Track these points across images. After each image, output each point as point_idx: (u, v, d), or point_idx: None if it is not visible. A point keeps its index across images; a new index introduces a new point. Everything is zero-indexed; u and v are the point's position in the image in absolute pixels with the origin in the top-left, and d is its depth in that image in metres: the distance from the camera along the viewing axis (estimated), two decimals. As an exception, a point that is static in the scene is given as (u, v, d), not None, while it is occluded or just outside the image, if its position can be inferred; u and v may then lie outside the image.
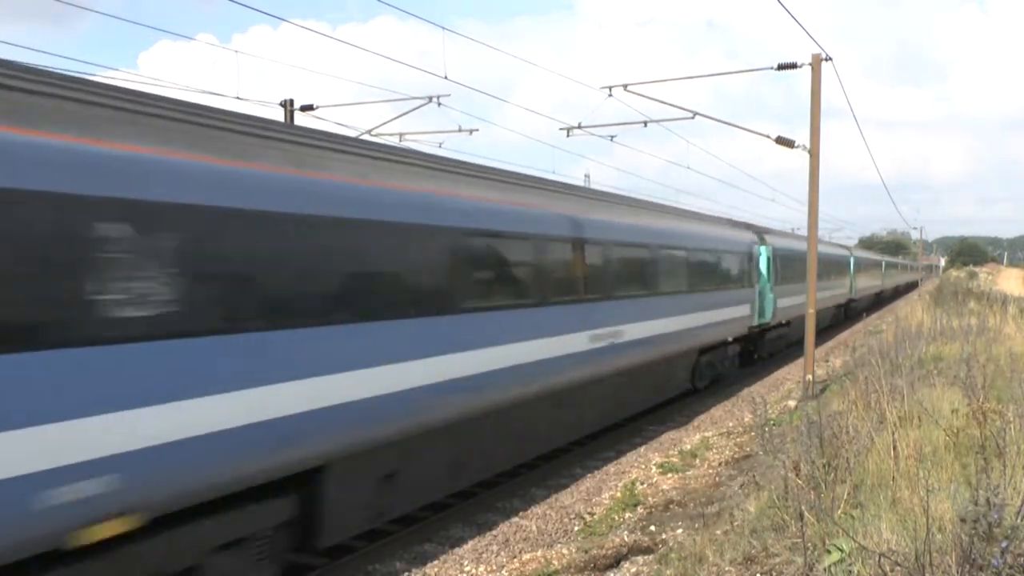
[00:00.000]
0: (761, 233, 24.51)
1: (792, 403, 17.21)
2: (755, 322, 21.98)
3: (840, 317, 39.20)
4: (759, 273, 22.55)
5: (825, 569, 5.05)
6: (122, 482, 5.56)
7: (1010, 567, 4.48)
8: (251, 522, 6.92)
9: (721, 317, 18.63)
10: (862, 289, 45.76)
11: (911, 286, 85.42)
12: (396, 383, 8.03)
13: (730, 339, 20.31)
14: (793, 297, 25.32)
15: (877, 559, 4.86)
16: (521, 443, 11.35)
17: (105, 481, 5.47)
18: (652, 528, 9.81)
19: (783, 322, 25.48)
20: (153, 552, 6.07)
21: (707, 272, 17.98)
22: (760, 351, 24.53)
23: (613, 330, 13.04)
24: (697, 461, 13.39)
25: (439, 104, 20.94)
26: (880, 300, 57.11)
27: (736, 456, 13.44)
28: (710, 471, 12.62)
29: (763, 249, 23.35)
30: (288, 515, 7.35)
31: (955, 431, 7.84)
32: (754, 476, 10.33)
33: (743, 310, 20.66)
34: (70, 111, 5.75)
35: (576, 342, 11.87)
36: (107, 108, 6.08)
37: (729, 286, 19.56)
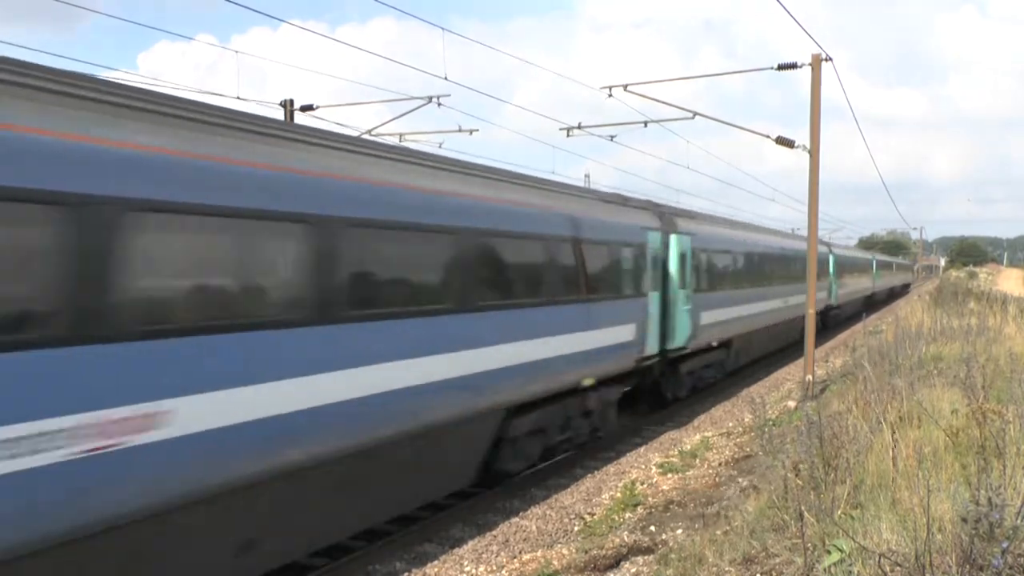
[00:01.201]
0: (671, 217, 16.97)
1: (792, 403, 17.21)
2: (653, 349, 15.11)
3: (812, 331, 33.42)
4: (665, 276, 15.92)
5: (825, 569, 5.05)
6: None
7: (1010, 567, 4.48)
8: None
9: (565, 347, 11.60)
10: (847, 295, 40.19)
11: (903, 288, 78.88)
12: None
13: (589, 383, 12.62)
14: (732, 308, 19.75)
15: (877, 559, 4.86)
16: None
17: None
18: (652, 528, 9.81)
19: (714, 344, 18.84)
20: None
21: (533, 275, 11.07)
22: (673, 389, 17.37)
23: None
24: (697, 461, 13.39)
25: (439, 104, 20.96)
26: (870, 305, 50.71)
27: (736, 456, 13.44)
28: (710, 471, 12.62)
29: (675, 241, 16.36)
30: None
31: (955, 431, 7.85)
32: (752, 481, 10.34)
33: (622, 333, 13.59)
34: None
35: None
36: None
37: (587, 295, 12.38)
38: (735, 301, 20.09)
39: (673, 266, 16.24)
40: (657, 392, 17.01)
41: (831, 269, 34.72)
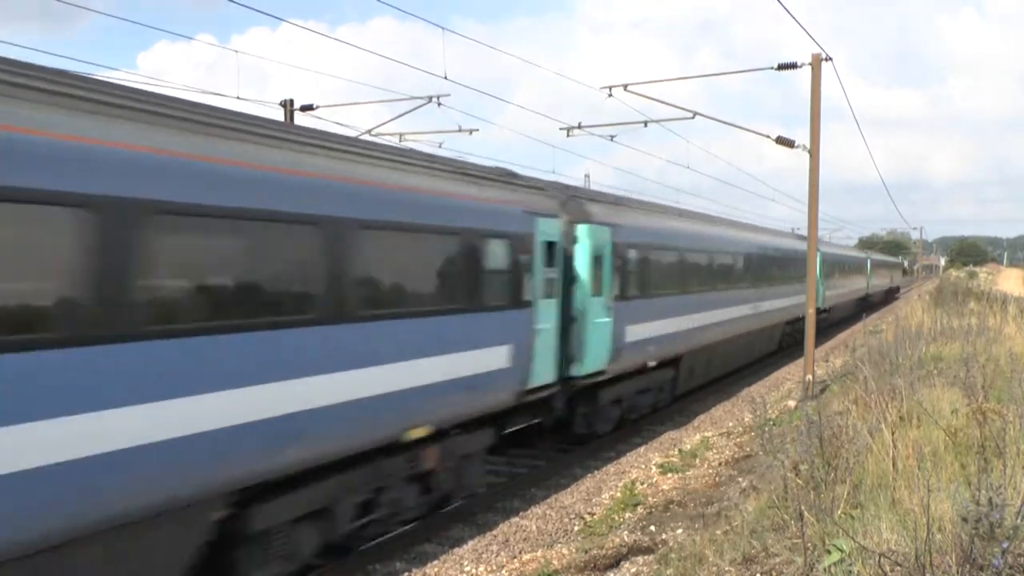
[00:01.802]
0: (581, 202, 13.46)
1: (792, 403, 17.21)
2: (547, 377, 11.59)
3: (766, 350, 24.92)
4: (568, 279, 12.34)
5: (825, 569, 5.05)
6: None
7: (1010, 567, 4.48)
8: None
9: (405, 380, 8.54)
10: (835, 296, 36.15)
11: (890, 293, 65.94)
12: None
13: (419, 434, 9.01)
14: (678, 318, 16.18)
15: (877, 559, 4.86)
16: None
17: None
18: (652, 528, 9.81)
19: (651, 363, 15.36)
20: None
21: (310, 277, 7.51)
22: (589, 424, 13.91)
23: None
24: (697, 461, 13.39)
25: (439, 104, 20.95)
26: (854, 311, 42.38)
27: (736, 456, 13.44)
28: (710, 471, 12.62)
29: (586, 233, 12.72)
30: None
31: (955, 431, 7.85)
32: (752, 480, 10.34)
33: (488, 358, 10.06)
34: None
35: None
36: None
37: (420, 307, 8.96)
38: (683, 309, 16.52)
39: (582, 266, 12.61)
40: (565, 429, 13.56)
41: (820, 271, 27.48)
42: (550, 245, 11.60)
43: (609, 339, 13.24)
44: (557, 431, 13.44)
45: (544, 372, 11.44)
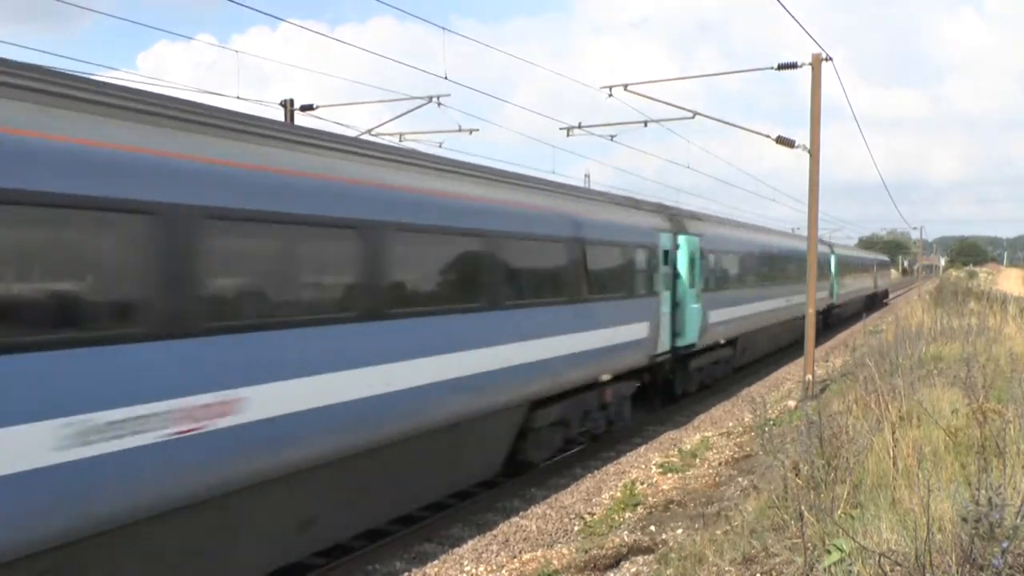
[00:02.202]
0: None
1: (792, 403, 17.22)
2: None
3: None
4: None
5: (825, 569, 5.05)
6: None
7: (1010, 567, 4.48)
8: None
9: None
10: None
11: (872, 300, 52.37)
12: None
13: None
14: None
15: (877, 559, 4.86)
16: None
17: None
18: (652, 528, 9.81)
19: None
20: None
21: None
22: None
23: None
24: (697, 461, 13.39)
25: (439, 104, 20.96)
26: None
27: (736, 456, 13.44)
28: (710, 471, 12.62)
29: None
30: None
31: (955, 431, 7.85)
32: (752, 480, 10.34)
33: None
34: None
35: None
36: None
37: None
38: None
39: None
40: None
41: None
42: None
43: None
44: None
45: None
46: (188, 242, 6.18)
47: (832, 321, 35.45)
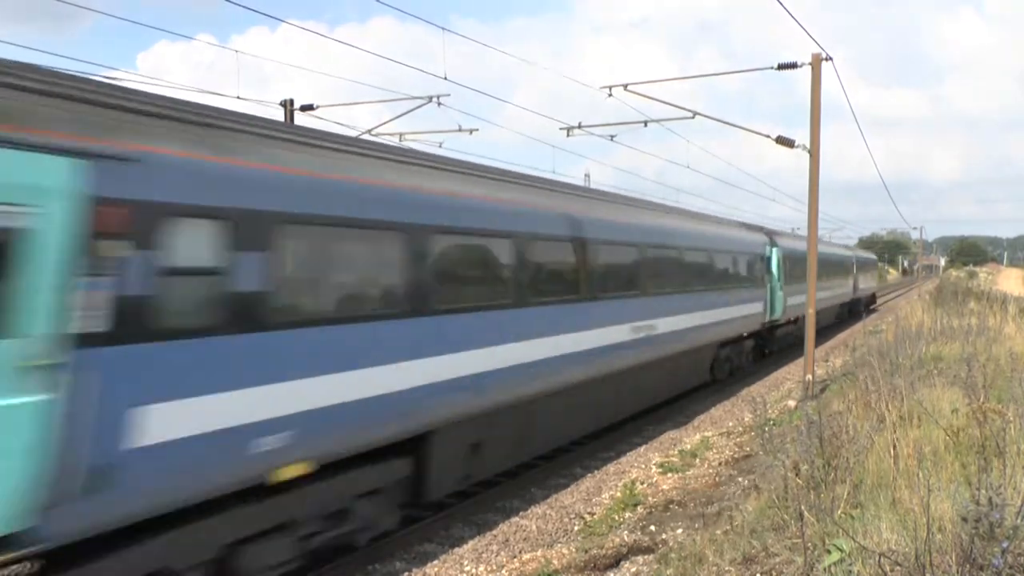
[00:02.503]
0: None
1: (792, 403, 17.21)
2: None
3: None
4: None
5: (825, 569, 5.05)
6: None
7: (1010, 567, 4.48)
8: None
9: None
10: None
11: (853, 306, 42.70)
12: None
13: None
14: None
15: (877, 559, 4.86)
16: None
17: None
18: (652, 528, 9.81)
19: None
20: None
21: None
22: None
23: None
24: (697, 461, 13.39)
25: (439, 104, 20.96)
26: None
27: (736, 456, 13.44)
28: (710, 471, 12.62)
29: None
30: None
31: (955, 431, 7.84)
32: (752, 480, 10.33)
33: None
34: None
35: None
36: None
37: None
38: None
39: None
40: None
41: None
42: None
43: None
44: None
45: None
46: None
47: (778, 345, 26.55)
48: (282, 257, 7.00)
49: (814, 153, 18.05)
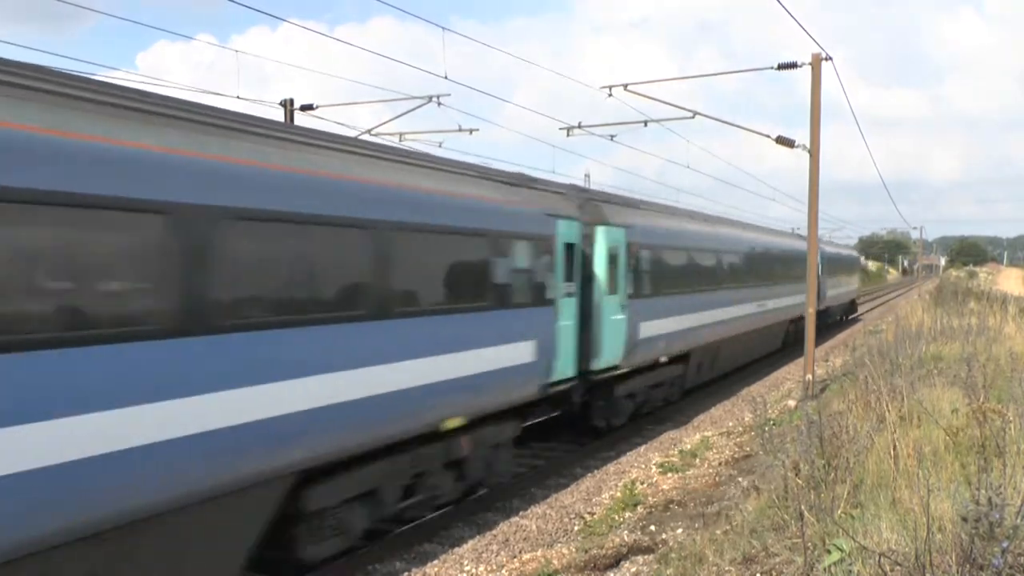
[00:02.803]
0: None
1: (792, 403, 17.21)
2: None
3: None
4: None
5: (825, 569, 5.05)
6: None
7: (1010, 567, 4.47)
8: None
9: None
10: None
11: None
12: None
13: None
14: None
15: (877, 559, 4.85)
16: None
17: None
18: (652, 528, 9.81)
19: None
20: None
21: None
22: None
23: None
24: (697, 461, 13.39)
25: (439, 104, 20.94)
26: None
27: (736, 456, 13.44)
28: (710, 471, 12.62)
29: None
30: None
31: (955, 431, 7.84)
32: (752, 480, 10.33)
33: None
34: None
35: None
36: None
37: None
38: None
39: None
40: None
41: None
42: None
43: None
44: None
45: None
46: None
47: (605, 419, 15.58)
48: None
49: (814, 153, 18.06)
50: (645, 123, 21.77)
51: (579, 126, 22.69)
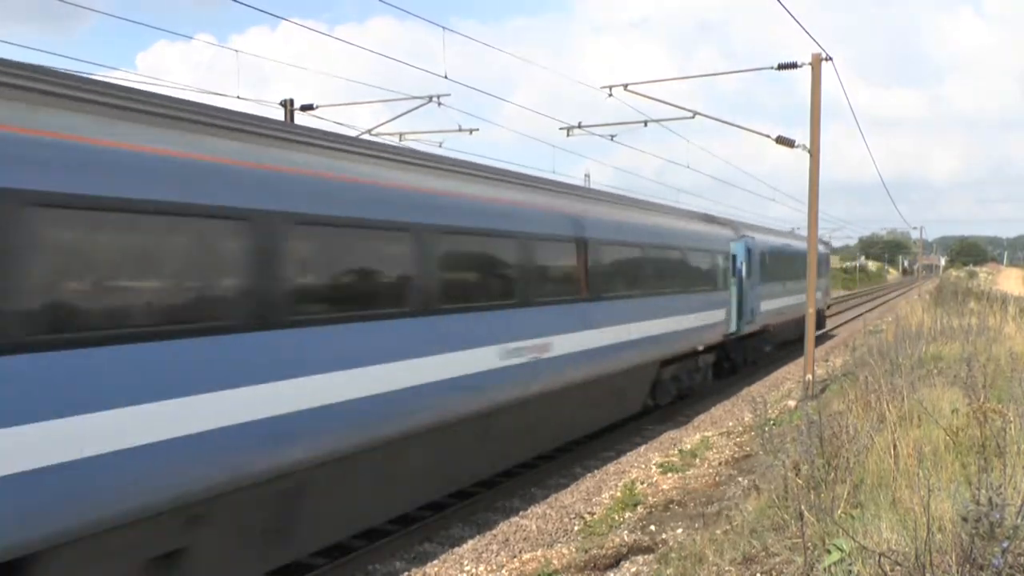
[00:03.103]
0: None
1: (792, 403, 17.21)
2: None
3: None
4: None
5: (825, 569, 5.05)
6: None
7: (1010, 567, 4.47)
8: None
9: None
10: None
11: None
12: None
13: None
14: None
15: (877, 559, 4.85)
16: None
17: None
18: (652, 528, 9.80)
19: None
20: None
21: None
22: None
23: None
24: (697, 461, 13.38)
25: (439, 104, 20.93)
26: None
27: (736, 456, 13.44)
28: (710, 471, 12.62)
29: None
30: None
31: (955, 431, 7.84)
32: (752, 480, 10.32)
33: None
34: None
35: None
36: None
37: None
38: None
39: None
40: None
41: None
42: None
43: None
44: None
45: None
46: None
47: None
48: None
49: (814, 153, 18.05)
50: (645, 123, 21.77)
51: (579, 126, 22.69)
